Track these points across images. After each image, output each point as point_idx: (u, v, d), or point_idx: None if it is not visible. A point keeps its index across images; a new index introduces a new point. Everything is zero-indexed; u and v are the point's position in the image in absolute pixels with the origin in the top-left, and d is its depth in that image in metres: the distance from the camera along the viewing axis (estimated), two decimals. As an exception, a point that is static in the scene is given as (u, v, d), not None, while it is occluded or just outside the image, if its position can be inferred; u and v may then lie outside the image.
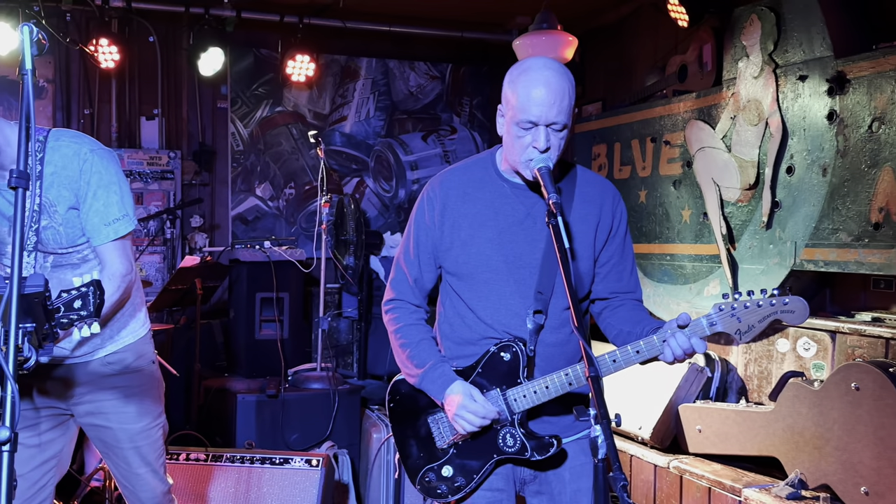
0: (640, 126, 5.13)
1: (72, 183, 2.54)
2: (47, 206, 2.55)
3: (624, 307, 2.46)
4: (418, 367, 2.42)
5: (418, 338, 2.46)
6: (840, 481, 3.28)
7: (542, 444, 2.31)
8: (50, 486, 2.79)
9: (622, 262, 2.46)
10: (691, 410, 4.05)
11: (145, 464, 2.84)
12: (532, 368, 2.34)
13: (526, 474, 2.43)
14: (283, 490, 4.03)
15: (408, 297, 2.51)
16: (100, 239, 2.59)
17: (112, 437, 2.80)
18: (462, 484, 2.38)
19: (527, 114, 2.22)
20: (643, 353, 2.21)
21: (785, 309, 2.12)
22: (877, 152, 3.57)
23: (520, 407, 2.31)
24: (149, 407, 2.84)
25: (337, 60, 6.38)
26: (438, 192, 2.45)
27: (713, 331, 2.17)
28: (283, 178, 6.29)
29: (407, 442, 2.48)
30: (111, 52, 5.43)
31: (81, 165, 2.54)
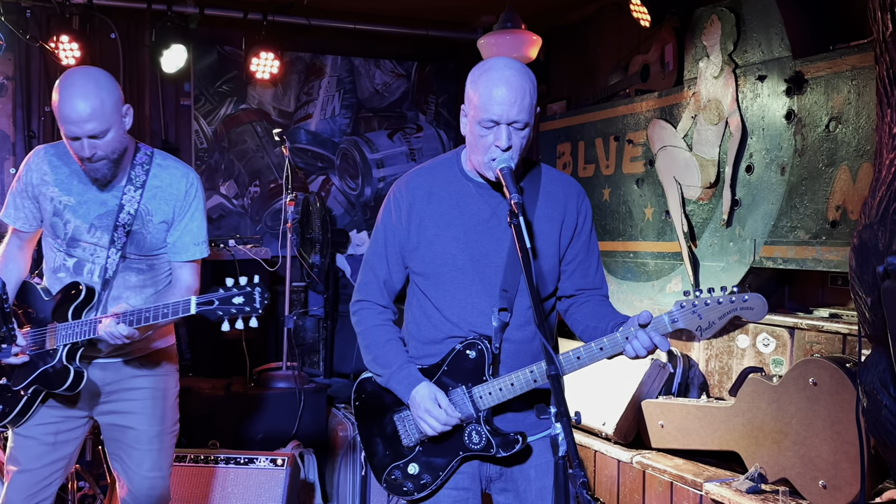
0: (604, 125, 5.17)
1: (174, 200, 2.83)
2: (143, 213, 2.80)
3: (590, 303, 2.49)
4: (384, 368, 2.44)
5: (385, 338, 2.48)
6: (798, 475, 3.34)
7: (507, 441, 2.34)
8: (54, 486, 2.88)
9: (588, 259, 2.49)
10: (654, 406, 4.10)
11: (157, 468, 2.92)
12: (497, 366, 2.36)
13: (492, 472, 2.45)
14: (248, 490, 4.01)
15: (375, 297, 2.52)
16: (185, 255, 2.86)
17: (132, 438, 2.90)
18: (428, 481, 2.40)
19: (488, 113, 2.24)
20: (607, 349, 2.24)
21: (744, 306, 2.16)
22: (834, 151, 3.64)
23: (485, 404, 2.33)
24: (168, 412, 2.97)
25: (302, 58, 6.35)
26: (405, 192, 2.47)
27: (675, 328, 2.20)
28: (247, 177, 6.25)
29: (373, 440, 2.50)
30: (72, 48, 5.35)
31: (188, 188, 2.84)
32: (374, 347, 2.48)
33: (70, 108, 2.58)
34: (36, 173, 2.84)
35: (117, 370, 2.89)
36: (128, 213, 2.77)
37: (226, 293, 2.38)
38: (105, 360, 2.88)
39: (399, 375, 2.41)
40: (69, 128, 2.60)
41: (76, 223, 2.81)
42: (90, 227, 2.81)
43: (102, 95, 2.61)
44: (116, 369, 2.89)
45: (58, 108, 2.62)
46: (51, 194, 2.82)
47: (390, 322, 2.53)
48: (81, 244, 2.82)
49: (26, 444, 2.83)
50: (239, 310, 2.37)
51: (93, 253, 2.81)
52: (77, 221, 2.81)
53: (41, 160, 2.85)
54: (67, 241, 2.83)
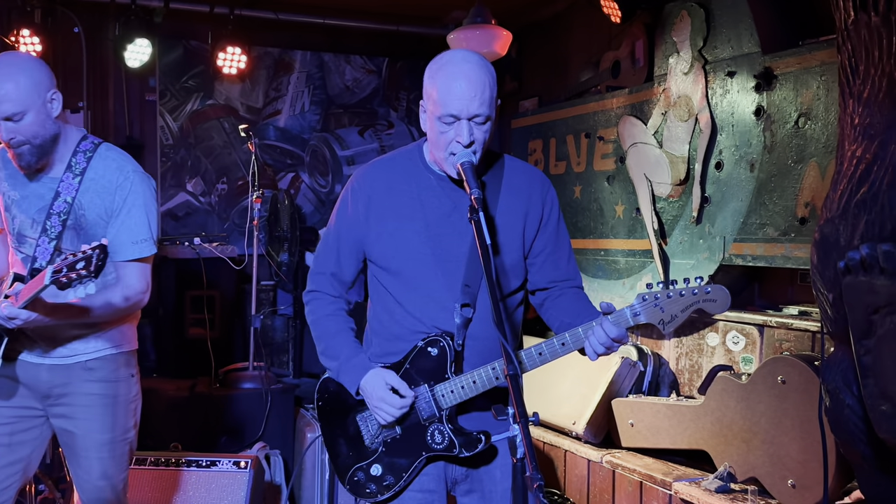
0: (575, 122, 5.13)
1: (107, 194, 2.69)
2: (79, 204, 2.69)
3: (564, 296, 2.44)
4: (334, 360, 2.40)
5: (335, 329, 2.43)
6: (768, 474, 3.32)
7: (470, 441, 2.28)
8: (12, 489, 2.79)
9: (557, 249, 2.44)
10: (624, 405, 4.07)
11: (105, 477, 2.82)
12: (461, 363, 2.31)
13: (458, 473, 2.40)
14: (210, 493, 3.93)
15: (326, 288, 2.47)
16: (123, 255, 2.70)
17: (80, 445, 2.81)
18: (391, 482, 2.35)
19: (448, 108, 2.19)
20: (568, 345, 2.20)
21: (707, 298, 2.12)
22: (803, 148, 3.61)
23: (447, 403, 2.28)
24: (119, 420, 2.84)
25: (270, 53, 6.26)
26: (364, 183, 2.41)
27: (637, 321, 2.16)
28: (214, 173, 6.15)
29: (336, 441, 2.44)
30: (33, 42, 5.23)
31: (121, 181, 2.70)
32: (325, 338, 2.44)
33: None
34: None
35: (66, 373, 2.79)
36: (64, 201, 2.67)
37: (73, 259, 2.26)
38: (54, 362, 2.79)
39: (347, 366, 2.36)
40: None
41: (21, 218, 2.75)
42: (32, 223, 2.74)
43: (18, 78, 2.54)
44: (65, 372, 2.79)
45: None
46: (3, 189, 2.78)
47: (343, 312, 2.47)
48: (27, 240, 2.75)
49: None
50: (79, 275, 2.23)
51: (34, 248, 2.73)
52: (21, 216, 2.75)
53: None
54: (16, 237, 2.78)
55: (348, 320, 2.47)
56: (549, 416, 4.36)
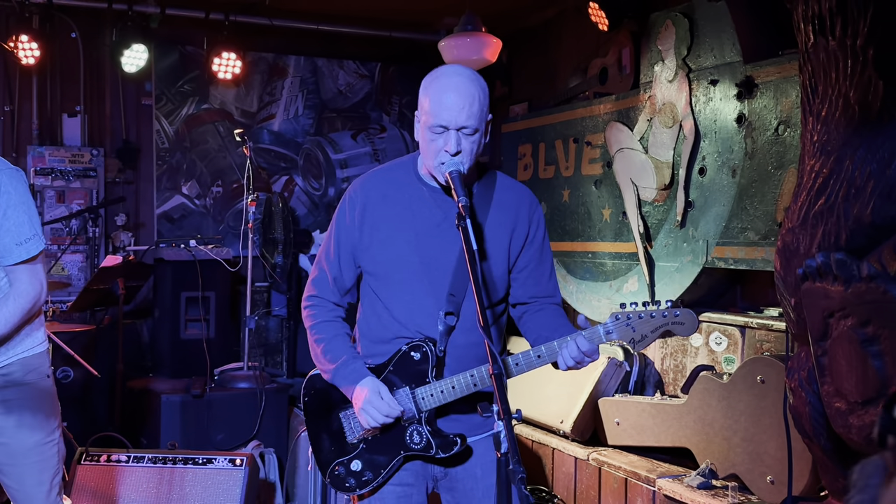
0: (564, 127, 5.24)
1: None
2: None
3: (543, 312, 2.53)
4: (331, 363, 2.47)
5: (333, 333, 2.51)
6: (747, 471, 3.42)
7: (446, 442, 2.38)
8: None
9: (540, 266, 2.53)
10: (610, 404, 4.17)
11: (39, 483, 2.76)
12: (441, 368, 2.40)
13: (437, 471, 2.50)
14: (206, 490, 4.02)
15: (327, 294, 2.55)
16: (11, 258, 2.59)
17: (5, 454, 2.73)
18: (370, 478, 2.44)
19: (438, 118, 2.29)
20: (544, 357, 2.30)
21: (675, 321, 2.23)
22: (782, 154, 3.73)
23: (427, 405, 2.37)
24: (41, 422, 2.77)
25: (264, 58, 6.35)
26: (360, 192, 2.50)
27: (609, 339, 2.27)
28: (210, 177, 6.24)
29: (319, 436, 2.53)
30: (31, 48, 5.32)
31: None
32: (322, 342, 2.51)
33: None
34: None
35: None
36: None
37: None
38: None
39: (346, 370, 2.44)
40: None
41: None
42: None
43: None
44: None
45: None
46: None
47: (340, 319, 2.56)
48: None
49: None
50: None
51: None
52: None
53: None
54: None
55: (345, 326, 2.55)
56: (537, 414, 4.46)
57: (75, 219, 5.74)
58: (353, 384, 2.41)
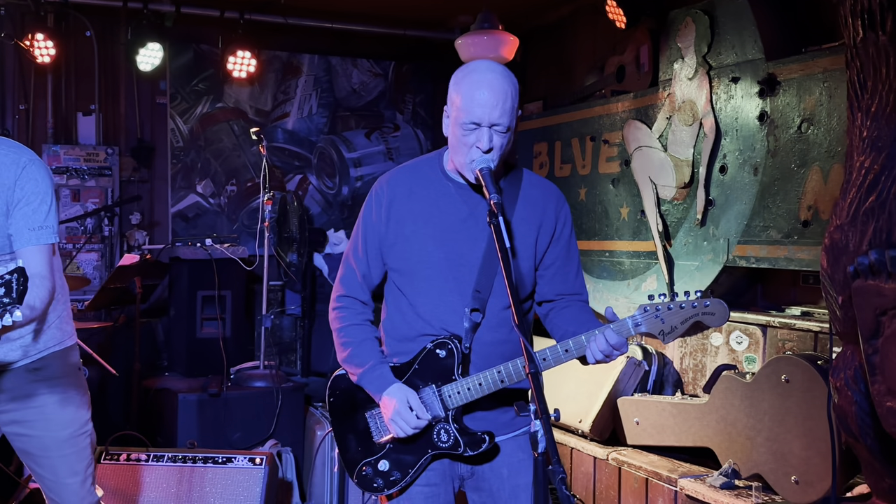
0: (580, 125, 5.22)
1: (6, 190, 2.57)
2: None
3: (570, 309, 2.51)
4: (358, 367, 2.46)
5: (361, 337, 2.50)
6: (771, 471, 3.40)
7: (474, 440, 2.36)
8: None
9: (567, 264, 2.51)
10: (629, 403, 4.15)
11: (73, 473, 2.79)
12: (467, 366, 2.38)
13: (463, 470, 2.48)
14: (226, 489, 4.02)
15: (356, 293, 2.54)
16: (23, 242, 2.58)
17: (39, 446, 2.76)
18: (398, 478, 2.42)
19: (470, 115, 2.27)
20: (571, 352, 2.28)
21: (706, 311, 2.20)
22: (806, 152, 3.70)
23: (454, 403, 2.36)
24: (75, 414, 2.80)
25: (279, 57, 6.34)
26: (386, 189, 2.49)
27: (638, 331, 2.24)
28: (224, 175, 6.24)
29: (345, 436, 2.52)
30: (47, 46, 5.32)
31: (19, 174, 2.57)
32: (350, 345, 2.50)
33: None
34: None
35: (12, 379, 2.74)
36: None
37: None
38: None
39: (372, 375, 2.43)
40: None
41: None
42: None
43: None
44: (11, 378, 2.74)
45: None
46: None
47: (368, 322, 2.54)
48: None
49: None
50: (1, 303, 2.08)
51: None
52: None
53: None
54: None
55: (373, 330, 2.54)
56: (556, 414, 4.44)
57: (90, 217, 5.74)
58: (380, 391, 2.40)
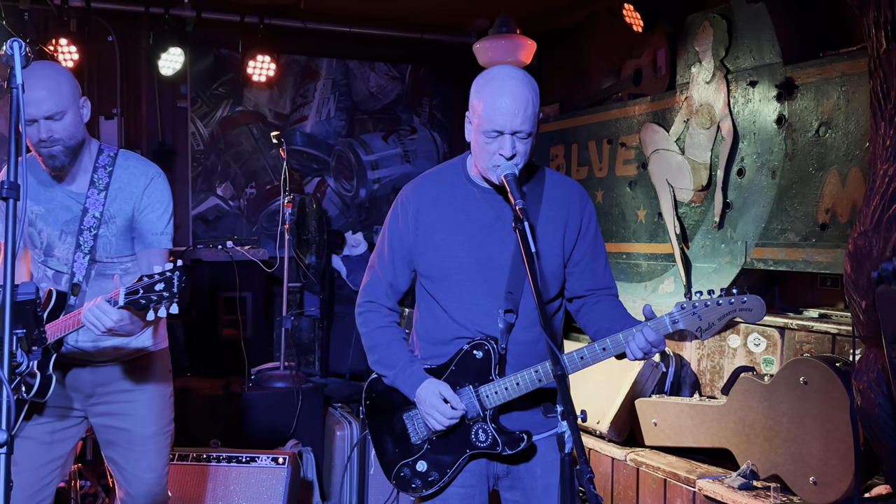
0: (597, 128, 5.25)
1: (134, 199, 2.82)
2: (108, 217, 2.82)
3: (601, 304, 2.55)
4: (389, 368, 2.51)
5: (388, 339, 2.55)
6: (789, 472, 3.43)
7: (512, 439, 2.41)
8: (53, 485, 2.91)
9: (594, 259, 2.56)
10: (647, 404, 4.18)
11: (152, 469, 2.95)
12: (503, 366, 2.42)
13: (499, 469, 2.52)
14: (251, 488, 4.08)
15: (381, 299, 2.59)
16: (145, 244, 2.84)
17: (125, 439, 2.93)
18: (436, 478, 2.47)
19: (492, 123, 2.31)
20: (609, 350, 2.32)
21: (743, 307, 2.24)
22: (823, 156, 3.73)
23: (491, 403, 2.40)
24: (161, 413, 2.98)
25: (297, 61, 6.41)
26: (412, 198, 2.54)
27: (675, 328, 2.28)
28: (243, 178, 6.31)
29: (382, 438, 2.56)
30: (70, 51, 5.39)
31: (147, 184, 2.84)
32: (379, 348, 2.55)
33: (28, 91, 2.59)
34: None
35: (109, 373, 2.92)
36: (92, 216, 2.79)
37: (149, 281, 2.35)
38: (97, 364, 2.91)
39: (404, 375, 2.48)
40: (27, 110, 2.63)
41: (48, 231, 2.82)
42: (60, 234, 2.82)
43: (59, 79, 2.69)
44: (108, 372, 2.92)
45: None
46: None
47: (395, 324, 2.59)
48: (55, 253, 2.84)
49: (25, 444, 2.84)
50: (159, 296, 2.33)
51: (66, 262, 2.82)
52: (48, 230, 2.82)
53: None
54: (44, 251, 2.85)
55: (400, 331, 2.59)
56: (574, 415, 4.48)
57: (112, 220, 5.80)
58: (414, 388, 2.45)
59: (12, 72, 1.75)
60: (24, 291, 1.71)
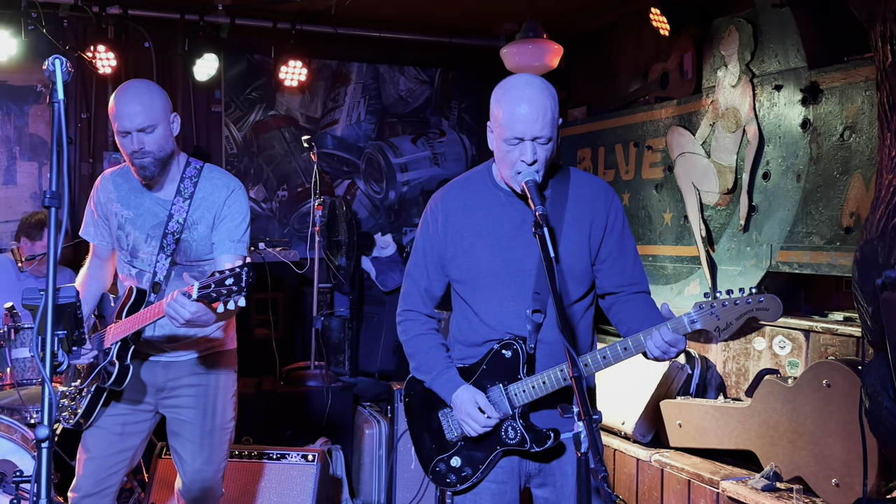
0: (624, 131, 5.29)
1: (215, 208, 3.02)
2: (190, 223, 3.01)
3: (632, 302, 2.60)
4: (427, 374, 2.62)
5: (427, 346, 2.65)
6: (812, 474, 3.45)
7: (540, 436, 2.48)
8: (120, 474, 3.11)
9: (622, 256, 2.61)
10: (672, 406, 4.22)
11: (210, 462, 3.12)
12: (532, 365, 2.50)
13: (531, 467, 2.60)
14: (281, 484, 4.17)
15: (418, 306, 2.69)
16: (223, 250, 3.00)
17: (188, 432, 3.10)
18: (469, 474, 2.55)
19: (512, 131, 2.38)
20: (630, 349, 2.37)
21: (760, 307, 2.28)
22: (848, 160, 3.74)
23: (520, 401, 2.48)
24: (224, 410, 3.16)
25: (328, 65, 6.51)
26: (440, 205, 2.63)
27: (694, 328, 2.32)
28: (275, 181, 6.43)
29: (421, 434, 2.67)
30: (108, 58, 5.53)
31: (228, 195, 3.04)
32: (418, 356, 2.66)
33: (123, 104, 2.86)
34: (103, 193, 3.11)
35: (180, 368, 3.11)
36: (176, 221, 2.98)
37: (220, 276, 2.52)
38: (170, 359, 3.10)
39: (440, 380, 2.58)
40: (121, 123, 2.85)
41: (135, 234, 3.03)
42: (146, 238, 3.02)
43: (153, 96, 2.91)
44: (180, 367, 3.11)
45: (113, 110, 2.88)
46: (115, 210, 3.07)
47: (433, 331, 2.69)
48: (140, 255, 3.04)
49: (97, 433, 3.06)
50: (229, 290, 2.50)
51: (150, 262, 3.03)
52: (136, 233, 3.03)
53: (107, 181, 3.13)
54: (130, 252, 3.05)
55: (439, 337, 2.68)
56: (600, 416, 4.52)
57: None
58: (450, 394, 2.54)
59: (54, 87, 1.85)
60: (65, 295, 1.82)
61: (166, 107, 2.95)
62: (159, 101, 2.91)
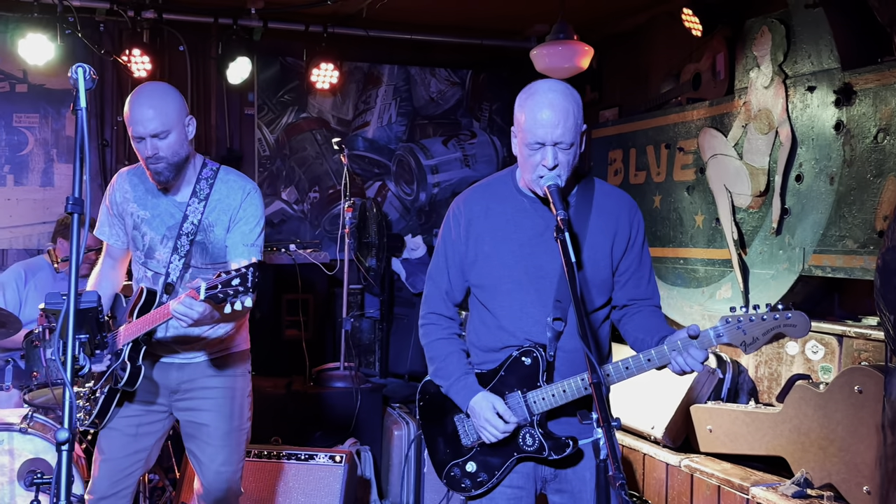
0: (655, 132, 5.25)
1: (231, 210, 3.01)
2: (206, 225, 3.01)
3: (641, 314, 2.60)
4: (445, 380, 2.62)
5: (446, 352, 2.64)
6: (844, 481, 3.40)
7: (559, 444, 2.47)
8: (136, 475, 3.13)
9: (640, 270, 2.61)
10: (702, 411, 4.18)
11: (228, 463, 3.12)
12: (552, 373, 2.49)
13: (547, 473, 2.58)
14: (308, 485, 4.20)
15: (440, 309, 2.69)
16: (237, 254, 2.99)
17: (205, 434, 3.11)
18: (484, 479, 2.55)
19: (534, 135, 2.38)
20: (654, 361, 2.37)
21: (787, 323, 2.25)
22: (882, 162, 3.68)
23: (539, 409, 2.47)
24: (240, 411, 3.16)
25: (360, 68, 6.55)
26: (463, 209, 2.62)
27: (720, 342, 2.31)
28: (307, 183, 6.47)
29: (435, 438, 2.66)
30: (143, 61, 5.61)
31: (244, 198, 3.03)
32: (437, 360, 2.66)
33: (137, 109, 2.86)
34: (119, 192, 3.12)
35: (194, 370, 3.10)
36: (191, 223, 2.98)
37: (226, 277, 2.52)
38: (183, 361, 3.10)
39: (458, 386, 2.57)
40: (135, 128, 2.85)
41: (151, 235, 3.04)
42: (162, 239, 3.03)
43: (166, 100, 2.89)
44: (193, 369, 3.10)
45: (128, 114, 2.88)
46: (131, 210, 3.09)
47: (454, 336, 2.68)
48: (156, 255, 3.05)
49: (110, 434, 3.08)
50: (236, 290, 2.50)
51: (164, 263, 3.04)
52: (152, 233, 3.04)
53: (123, 181, 3.13)
54: (145, 253, 3.07)
55: (459, 342, 2.68)
56: (629, 420, 4.50)
57: (182, 223, 6.02)
58: (467, 400, 2.53)
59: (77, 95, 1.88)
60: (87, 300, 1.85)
61: (181, 111, 2.92)
62: (173, 105, 2.88)
